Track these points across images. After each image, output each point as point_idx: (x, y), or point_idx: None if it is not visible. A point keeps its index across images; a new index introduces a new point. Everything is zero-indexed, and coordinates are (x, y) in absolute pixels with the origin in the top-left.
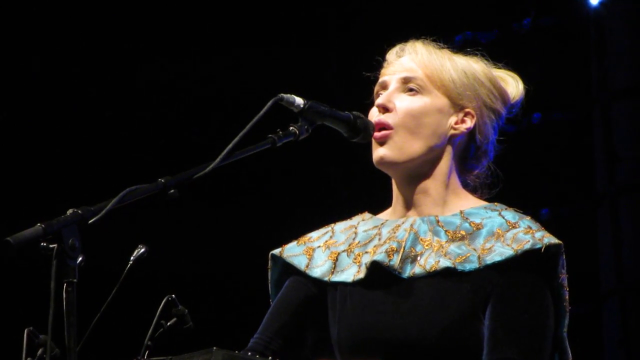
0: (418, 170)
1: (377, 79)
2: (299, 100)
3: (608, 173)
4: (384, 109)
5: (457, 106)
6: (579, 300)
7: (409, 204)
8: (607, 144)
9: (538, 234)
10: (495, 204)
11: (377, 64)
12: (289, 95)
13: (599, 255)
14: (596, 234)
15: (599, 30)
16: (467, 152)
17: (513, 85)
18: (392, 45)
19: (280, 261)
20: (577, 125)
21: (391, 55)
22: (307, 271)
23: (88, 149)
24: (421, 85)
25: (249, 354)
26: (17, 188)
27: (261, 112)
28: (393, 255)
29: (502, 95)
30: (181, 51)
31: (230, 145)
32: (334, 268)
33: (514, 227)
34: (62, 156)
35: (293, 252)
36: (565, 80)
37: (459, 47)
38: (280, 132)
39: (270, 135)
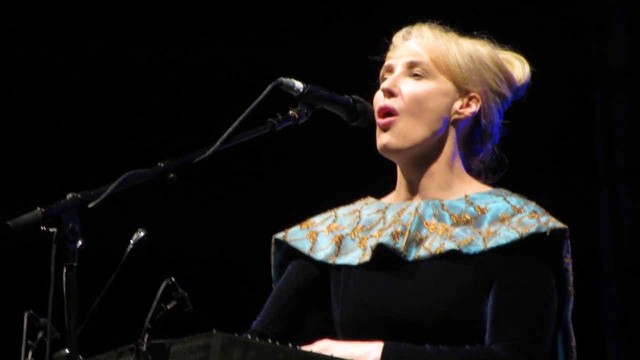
0: (422, 155)
1: (383, 61)
2: (299, 85)
3: (608, 156)
4: (389, 93)
5: (462, 90)
6: (579, 283)
7: (413, 188)
8: (606, 127)
9: (543, 219)
10: (500, 189)
11: (384, 46)
12: (288, 79)
13: (599, 238)
14: (596, 217)
15: (598, 13)
16: (472, 135)
17: (519, 68)
18: (397, 28)
19: (283, 245)
20: (577, 108)
21: (397, 38)
22: (311, 254)
23: (88, 133)
24: (426, 69)
25: (249, 336)
26: (17, 172)
27: (260, 96)
28: (398, 238)
29: (508, 78)
30: (181, 35)
31: (230, 129)
32: (338, 251)
33: (519, 212)
34: (62, 140)
35: (296, 236)
36: (564, 63)
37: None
38: (280, 116)
39: (269, 120)
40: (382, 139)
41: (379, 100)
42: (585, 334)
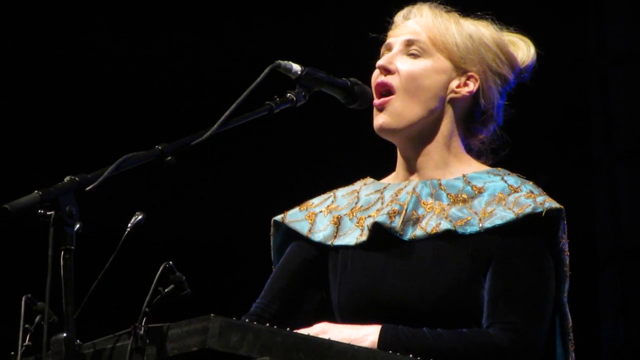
0: (419, 134)
1: (384, 40)
2: (296, 67)
3: (605, 139)
4: (386, 71)
5: (460, 69)
6: (576, 267)
7: (411, 168)
8: (604, 110)
9: (539, 199)
10: (499, 168)
11: (387, 24)
12: (286, 62)
13: (595, 221)
14: (594, 200)
15: None
16: (472, 116)
17: (523, 50)
18: (400, 7)
19: (282, 227)
20: (575, 91)
21: (398, 17)
22: (310, 236)
23: (85, 116)
24: (423, 48)
25: (246, 320)
26: (14, 155)
27: (258, 79)
28: (395, 217)
29: (510, 60)
30: (179, 21)
31: (227, 112)
32: (337, 232)
33: (515, 192)
34: (59, 123)
35: (295, 217)
36: (562, 45)
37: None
38: (278, 99)
39: (267, 102)
40: (378, 119)
41: (377, 77)
42: (582, 318)
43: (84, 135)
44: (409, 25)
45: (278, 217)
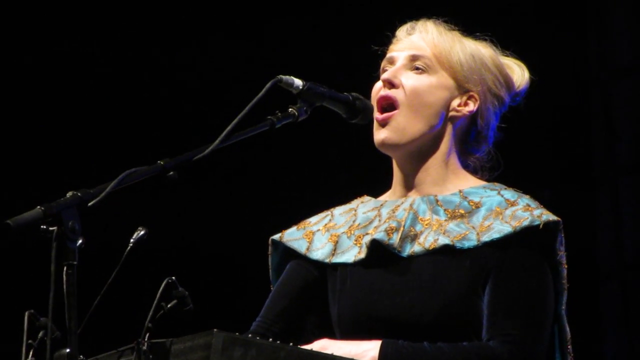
0: (419, 150)
1: (384, 54)
2: (298, 82)
3: (607, 153)
4: (390, 84)
5: (462, 89)
6: (577, 281)
7: (409, 184)
8: (606, 123)
9: (536, 212)
10: (495, 183)
11: (387, 39)
12: (287, 76)
13: (597, 235)
14: (595, 214)
15: (598, 8)
16: (467, 135)
17: (519, 74)
18: (402, 22)
19: (280, 246)
20: (577, 104)
21: (401, 32)
22: (308, 254)
23: (88, 132)
24: (428, 64)
25: (250, 336)
26: (17, 171)
27: (260, 94)
28: (392, 234)
29: (507, 82)
30: (180, 34)
31: (229, 127)
32: (335, 250)
33: (512, 205)
34: (62, 139)
35: (293, 236)
36: (563, 58)
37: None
38: (279, 114)
39: (269, 117)
40: (380, 134)
41: (379, 90)
42: (584, 332)
43: (86, 150)
44: (413, 40)
45: (276, 236)
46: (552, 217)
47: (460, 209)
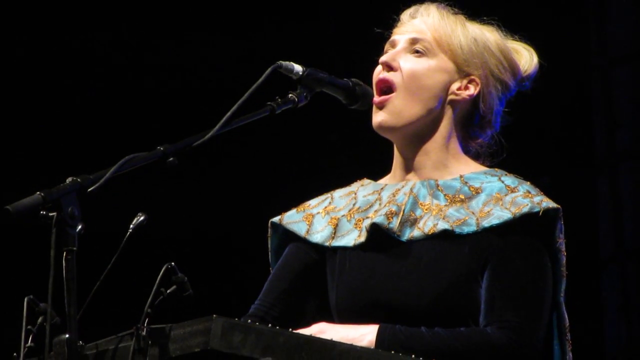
0: (417, 133)
1: (389, 37)
2: (298, 68)
3: (607, 139)
4: (388, 67)
5: (463, 72)
6: (578, 267)
7: (409, 168)
8: (606, 110)
9: (537, 198)
10: (496, 169)
11: (392, 22)
12: (287, 62)
13: (598, 222)
14: (596, 201)
15: None
16: (470, 119)
17: (526, 58)
18: (406, 5)
19: (280, 229)
20: (577, 91)
21: (405, 15)
22: (307, 237)
23: (87, 117)
24: (428, 47)
25: (249, 320)
26: (16, 156)
27: (260, 80)
28: (392, 218)
29: (512, 67)
30: (183, 23)
31: (229, 113)
32: (335, 233)
33: (512, 192)
34: (62, 124)
35: (293, 219)
36: (564, 45)
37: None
38: (279, 100)
39: (269, 103)
40: (378, 117)
41: (379, 73)
42: (584, 318)
43: (85, 136)
44: (415, 23)
45: (275, 219)
46: (552, 204)
47: (461, 194)
